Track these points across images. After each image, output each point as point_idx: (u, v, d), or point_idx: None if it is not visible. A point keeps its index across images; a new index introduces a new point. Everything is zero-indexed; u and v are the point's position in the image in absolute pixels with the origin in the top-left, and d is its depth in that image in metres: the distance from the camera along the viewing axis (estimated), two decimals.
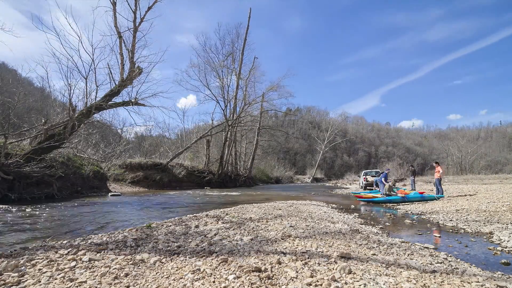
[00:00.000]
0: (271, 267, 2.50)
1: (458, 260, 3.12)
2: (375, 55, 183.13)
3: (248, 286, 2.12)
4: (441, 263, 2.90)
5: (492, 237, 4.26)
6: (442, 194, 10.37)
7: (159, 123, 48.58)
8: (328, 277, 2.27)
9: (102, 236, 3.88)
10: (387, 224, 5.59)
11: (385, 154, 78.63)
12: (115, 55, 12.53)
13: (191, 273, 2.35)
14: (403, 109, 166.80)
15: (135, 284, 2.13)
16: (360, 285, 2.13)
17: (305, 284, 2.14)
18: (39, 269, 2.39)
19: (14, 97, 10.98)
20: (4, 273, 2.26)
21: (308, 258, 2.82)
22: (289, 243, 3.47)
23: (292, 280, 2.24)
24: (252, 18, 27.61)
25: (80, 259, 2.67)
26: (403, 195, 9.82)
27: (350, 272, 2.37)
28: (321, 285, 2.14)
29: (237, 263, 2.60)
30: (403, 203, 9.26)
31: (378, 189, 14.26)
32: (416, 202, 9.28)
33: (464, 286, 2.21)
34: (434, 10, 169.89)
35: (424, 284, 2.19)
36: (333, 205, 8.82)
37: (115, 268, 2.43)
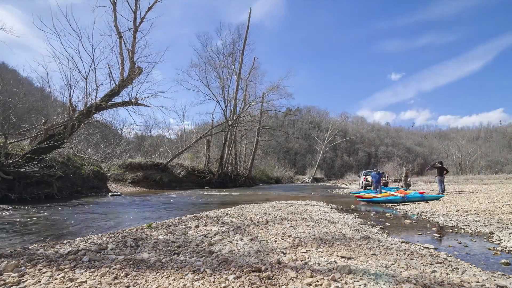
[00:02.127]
0: (271, 267, 2.50)
1: (458, 260, 3.11)
2: None
3: (248, 286, 2.12)
4: (441, 263, 2.89)
5: (492, 237, 4.26)
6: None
7: (159, 123, 48.65)
8: (328, 277, 2.26)
9: (102, 236, 3.88)
10: (387, 224, 5.59)
11: (385, 154, 78.59)
12: (115, 55, 12.59)
13: (191, 273, 2.35)
14: None
15: (135, 284, 2.13)
16: (360, 285, 2.13)
17: (305, 284, 2.14)
18: (39, 269, 2.39)
19: (14, 97, 11.00)
20: (4, 273, 2.26)
21: (308, 258, 2.82)
22: (289, 243, 3.47)
23: (292, 280, 2.23)
24: None
25: (80, 259, 2.67)
26: (403, 195, 9.82)
27: (350, 272, 2.37)
28: (321, 285, 2.13)
29: (237, 263, 2.60)
30: (403, 203, 9.26)
31: (372, 188, 14.23)
32: (416, 202, 9.28)
33: (464, 286, 2.21)
34: None
35: (424, 284, 2.19)
36: (333, 205, 8.82)
37: (115, 268, 2.43)
